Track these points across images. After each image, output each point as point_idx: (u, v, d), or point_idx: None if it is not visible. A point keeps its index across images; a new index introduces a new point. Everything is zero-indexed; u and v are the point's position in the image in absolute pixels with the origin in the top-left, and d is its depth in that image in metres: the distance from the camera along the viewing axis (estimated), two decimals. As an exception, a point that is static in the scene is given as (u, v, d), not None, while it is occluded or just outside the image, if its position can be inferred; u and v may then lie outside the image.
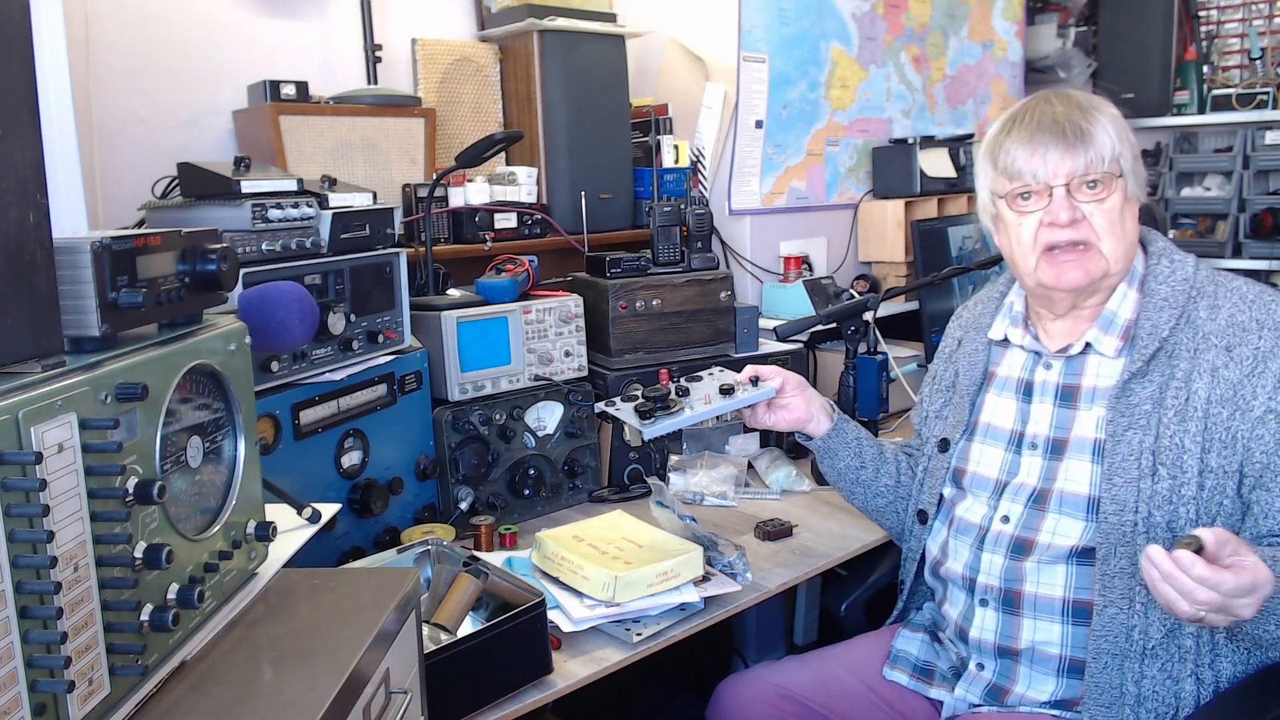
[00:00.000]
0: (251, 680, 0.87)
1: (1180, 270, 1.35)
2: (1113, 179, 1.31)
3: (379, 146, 2.08)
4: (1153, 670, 1.25)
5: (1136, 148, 1.35)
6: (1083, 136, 1.29)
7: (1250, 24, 3.71)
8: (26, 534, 0.68)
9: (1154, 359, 1.31)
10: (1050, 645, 1.34)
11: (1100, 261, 1.32)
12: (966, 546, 1.43)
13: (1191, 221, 3.74)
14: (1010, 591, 1.37)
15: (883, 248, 2.80)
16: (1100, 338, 1.36)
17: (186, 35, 1.97)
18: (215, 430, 0.97)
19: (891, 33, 2.88)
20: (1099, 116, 1.31)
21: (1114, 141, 1.30)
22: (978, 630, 1.41)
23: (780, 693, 1.50)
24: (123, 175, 1.86)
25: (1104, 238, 1.31)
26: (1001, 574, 1.37)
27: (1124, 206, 1.32)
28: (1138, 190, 1.34)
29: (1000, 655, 1.39)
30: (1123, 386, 1.31)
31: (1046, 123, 1.31)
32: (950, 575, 1.46)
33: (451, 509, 1.82)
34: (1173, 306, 1.31)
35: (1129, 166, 1.32)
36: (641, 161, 2.52)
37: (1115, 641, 1.26)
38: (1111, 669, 1.27)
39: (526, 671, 1.32)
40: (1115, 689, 1.26)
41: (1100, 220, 1.30)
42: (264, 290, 1.39)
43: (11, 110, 0.73)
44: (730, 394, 1.49)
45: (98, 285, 0.82)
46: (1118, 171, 1.31)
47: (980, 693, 1.42)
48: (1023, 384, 1.44)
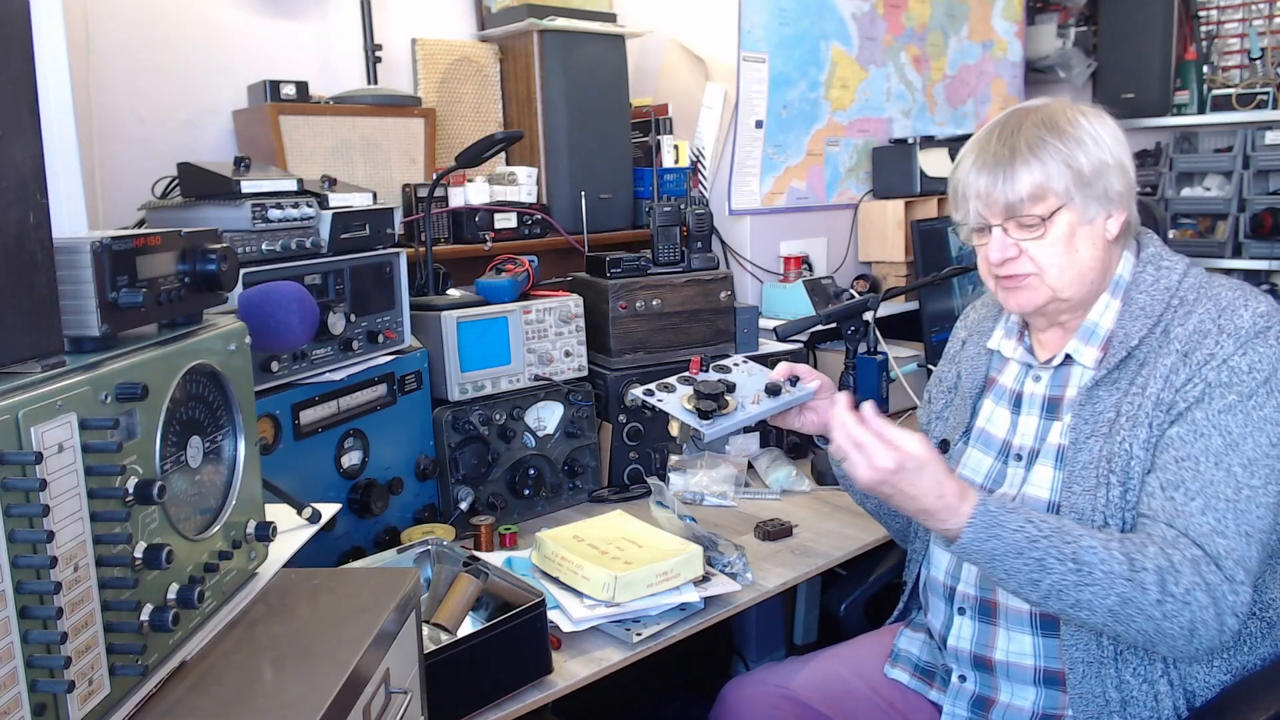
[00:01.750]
0: (251, 680, 0.87)
1: (1165, 279, 1.32)
2: (1049, 219, 1.28)
3: (379, 146, 2.08)
4: (1127, 674, 1.26)
5: (1105, 163, 1.28)
6: (1011, 179, 1.27)
7: (1250, 24, 3.71)
8: (26, 534, 0.68)
9: (1121, 367, 1.30)
10: (1024, 657, 1.35)
11: (1044, 290, 1.31)
12: (948, 555, 1.43)
13: (1191, 221, 3.74)
14: (986, 601, 1.38)
15: (883, 248, 2.80)
16: (1080, 349, 1.35)
17: (186, 35, 1.97)
18: (215, 430, 0.97)
19: (891, 33, 2.88)
20: (1039, 151, 1.27)
21: (1049, 177, 1.26)
22: (955, 639, 1.41)
23: (784, 694, 1.51)
24: (123, 175, 1.86)
25: (1046, 269, 1.30)
26: (977, 582, 1.38)
27: (1073, 233, 1.28)
28: (1103, 207, 1.29)
29: (977, 666, 1.40)
30: (1086, 394, 1.32)
31: (987, 162, 1.30)
32: (932, 584, 1.47)
33: (451, 509, 1.82)
34: (1148, 316, 1.30)
35: (1077, 192, 1.27)
36: (641, 161, 2.52)
37: (1087, 650, 1.27)
38: (1090, 677, 1.27)
39: (526, 671, 1.32)
40: (1099, 697, 1.27)
41: (1040, 254, 1.29)
42: (264, 290, 1.39)
43: (11, 110, 0.73)
44: (777, 394, 1.42)
45: (98, 285, 0.82)
46: (1053, 207, 1.27)
47: (966, 705, 1.42)
48: (1014, 395, 1.44)
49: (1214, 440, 1.21)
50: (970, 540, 1.19)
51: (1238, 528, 1.18)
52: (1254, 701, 1.24)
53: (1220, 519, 1.18)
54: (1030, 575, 1.17)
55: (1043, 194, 1.27)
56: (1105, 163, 1.28)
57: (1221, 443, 1.20)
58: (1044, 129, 1.28)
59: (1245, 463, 1.19)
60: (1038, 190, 1.27)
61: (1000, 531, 1.18)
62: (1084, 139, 1.28)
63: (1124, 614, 1.16)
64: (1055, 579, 1.16)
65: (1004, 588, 1.22)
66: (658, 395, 1.41)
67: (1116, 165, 1.29)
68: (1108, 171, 1.28)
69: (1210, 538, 1.17)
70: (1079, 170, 1.27)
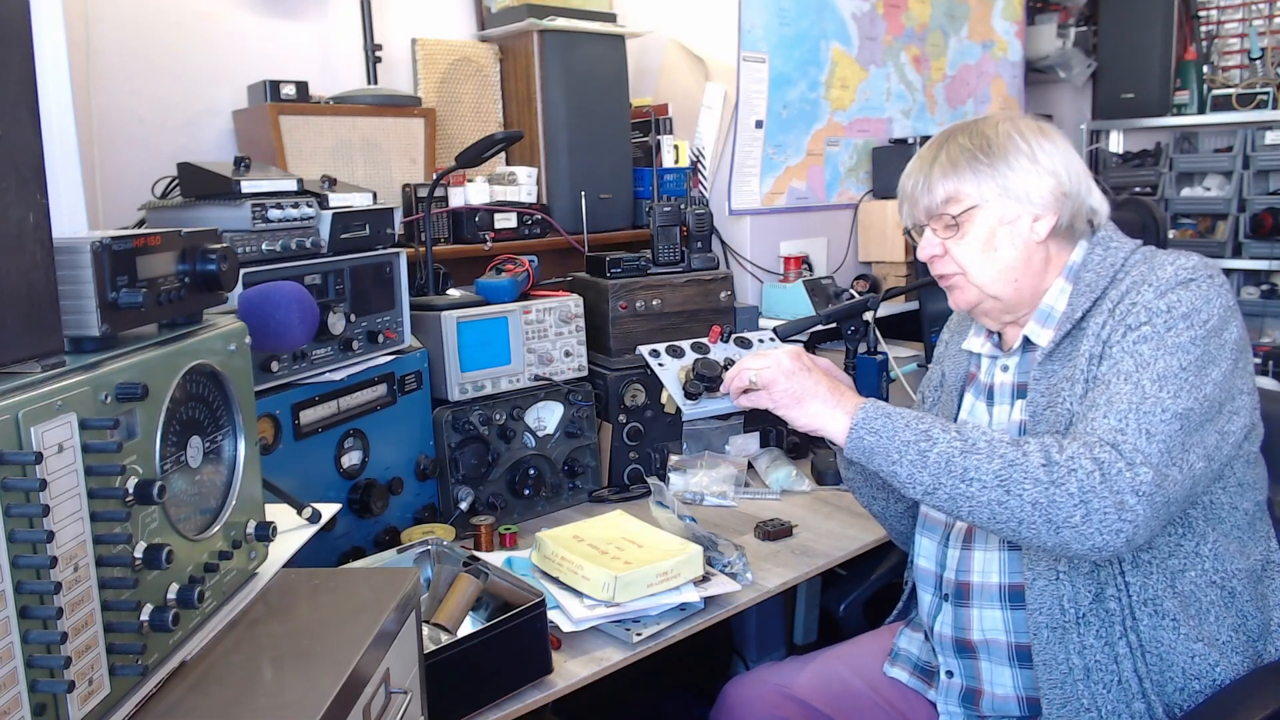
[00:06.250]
0: (251, 680, 0.87)
1: (1111, 256, 1.36)
2: (961, 217, 1.35)
3: (379, 146, 2.08)
4: (1089, 637, 1.28)
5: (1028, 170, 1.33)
6: (927, 185, 1.38)
7: (1250, 24, 3.71)
8: (26, 534, 0.68)
9: (1069, 339, 1.34)
10: (998, 633, 1.37)
11: (971, 289, 1.39)
12: (934, 544, 1.47)
13: (1191, 221, 3.74)
14: (961, 584, 1.40)
15: (883, 248, 2.80)
16: (1038, 331, 1.39)
17: (186, 35, 1.97)
18: (215, 430, 0.97)
19: (891, 33, 2.88)
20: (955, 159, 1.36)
21: (962, 181, 1.35)
22: (940, 625, 1.44)
23: (784, 694, 1.52)
24: (123, 175, 1.86)
25: (968, 269, 1.37)
26: (956, 566, 1.41)
27: (992, 234, 1.35)
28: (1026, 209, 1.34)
29: (960, 652, 1.42)
30: (1039, 369, 1.35)
31: (912, 170, 1.42)
32: (921, 574, 1.49)
33: (451, 509, 1.82)
34: (1093, 290, 1.33)
35: (994, 195, 1.34)
36: (641, 161, 2.52)
37: (1050, 614, 1.29)
38: (1054, 642, 1.29)
39: (526, 671, 1.32)
40: (1063, 664, 1.29)
41: (961, 253, 1.37)
42: (264, 290, 1.39)
43: (11, 110, 0.73)
44: None
45: (98, 285, 0.82)
46: (965, 206, 1.35)
47: (957, 700, 1.43)
48: (987, 388, 1.47)
49: (1125, 364, 1.22)
50: (861, 421, 1.26)
51: (1138, 426, 1.16)
52: (1247, 702, 1.24)
53: (1121, 419, 1.17)
54: (919, 447, 1.21)
55: (956, 195, 1.36)
56: (1029, 171, 1.33)
57: (1132, 364, 1.21)
58: (969, 138, 1.37)
59: (1154, 378, 1.19)
60: (952, 193, 1.36)
61: (890, 419, 1.25)
62: (1008, 150, 1.34)
63: (1011, 479, 1.16)
64: (941, 448, 1.20)
65: (897, 478, 1.24)
66: (661, 359, 1.45)
67: (1047, 172, 1.34)
68: (1031, 178, 1.33)
69: (1108, 434, 1.17)
70: (997, 177, 1.34)
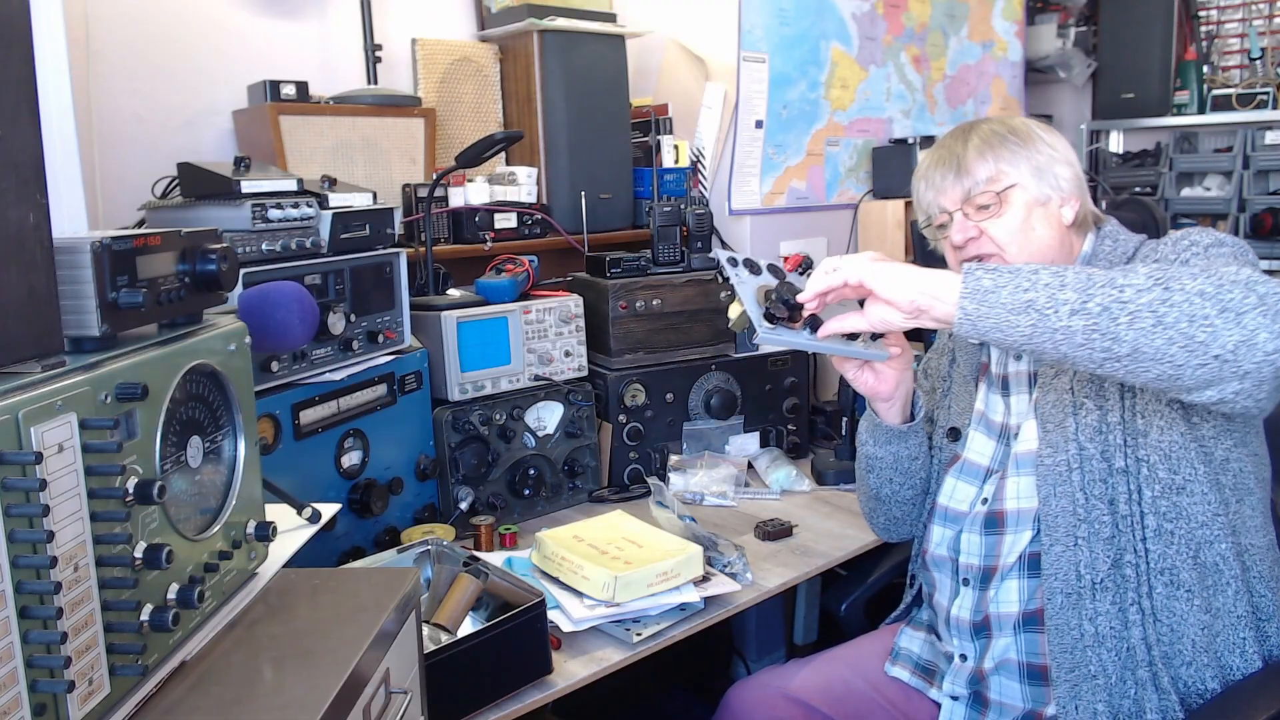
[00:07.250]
0: (251, 680, 0.87)
1: (1122, 245, 1.41)
2: (1003, 194, 1.38)
3: (379, 146, 2.08)
4: (1104, 604, 1.28)
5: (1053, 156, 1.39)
6: (967, 166, 1.40)
7: (1250, 24, 3.71)
8: (26, 534, 0.68)
9: None
10: (1010, 604, 1.38)
11: None
12: (952, 531, 1.47)
13: (1191, 221, 3.74)
14: (989, 569, 1.40)
15: (883, 248, 2.80)
16: None
17: (186, 35, 1.97)
18: (215, 430, 0.97)
19: (891, 33, 2.88)
20: (991, 141, 1.40)
21: (1000, 159, 1.39)
22: (957, 609, 1.44)
23: (787, 696, 1.52)
24: (123, 175, 1.86)
25: (1006, 247, 1.38)
26: (980, 553, 1.41)
27: (1029, 212, 1.38)
28: (1056, 192, 1.39)
29: (976, 634, 1.42)
30: None
31: (944, 159, 1.44)
32: (936, 561, 1.49)
33: (451, 509, 1.82)
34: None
35: (1030, 175, 1.38)
36: (641, 161, 2.52)
37: (1066, 580, 1.30)
38: (1067, 608, 1.30)
39: (526, 671, 1.32)
40: (1074, 630, 1.29)
41: (999, 232, 1.38)
42: (264, 290, 1.39)
43: (11, 110, 0.73)
44: (853, 340, 1.33)
45: (98, 285, 0.82)
46: (1008, 183, 1.38)
47: (964, 682, 1.43)
48: (1001, 379, 1.48)
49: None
50: (970, 269, 1.13)
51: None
52: (1255, 701, 1.24)
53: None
54: (1050, 270, 1.10)
55: (996, 174, 1.39)
56: (1053, 156, 1.40)
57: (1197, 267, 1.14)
58: (995, 125, 1.43)
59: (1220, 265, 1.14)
60: (992, 172, 1.39)
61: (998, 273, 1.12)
62: (1032, 136, 1.41)
63: (1169, 276, 1.07)
64: (1075, 268, 1.10)
65: (1034, 306, 1.08)
66: (739, 271, 1.29)
67: (1064, 160, 1.41)
68: (1055, 163, 1.40)
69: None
70: (1029, 157, 1.39)
